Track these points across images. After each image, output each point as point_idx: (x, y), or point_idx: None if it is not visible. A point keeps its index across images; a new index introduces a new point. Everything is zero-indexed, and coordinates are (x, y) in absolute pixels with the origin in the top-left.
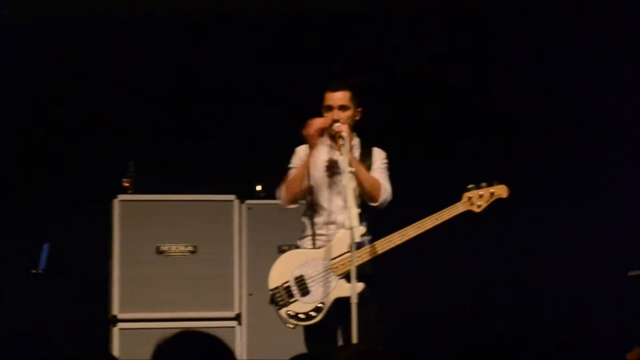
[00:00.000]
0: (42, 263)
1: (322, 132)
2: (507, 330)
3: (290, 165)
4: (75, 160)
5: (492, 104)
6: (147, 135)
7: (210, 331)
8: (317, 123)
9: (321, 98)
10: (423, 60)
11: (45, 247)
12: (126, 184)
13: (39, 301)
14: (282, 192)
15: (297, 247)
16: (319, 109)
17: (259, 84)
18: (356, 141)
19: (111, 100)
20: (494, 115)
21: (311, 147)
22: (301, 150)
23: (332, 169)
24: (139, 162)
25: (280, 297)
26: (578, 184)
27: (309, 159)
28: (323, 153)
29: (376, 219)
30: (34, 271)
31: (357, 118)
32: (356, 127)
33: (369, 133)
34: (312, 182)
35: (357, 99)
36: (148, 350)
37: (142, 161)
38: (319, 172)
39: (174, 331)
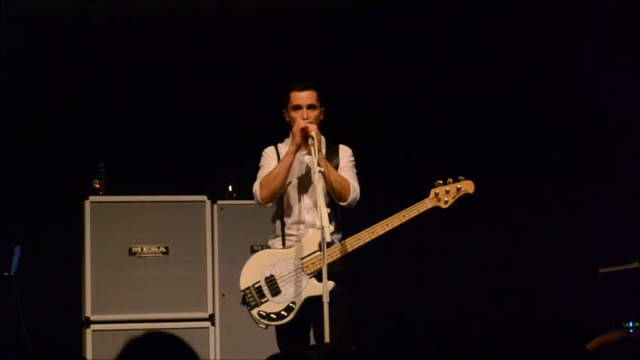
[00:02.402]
0: (14, 265)
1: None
2: (478, 330)
3: (260, 164)
4: (46, 161)
5: (469, 101)
6: (118, 136)
7: (184, 332)
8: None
9: (284, 98)
10: (393, 58)
11: (17, 249)
12: (97, 185)
13: (11, 304)
14: (261, 189)
15: (268, 247)
16: (282, 109)
17: (231, 84)
18: (322, 140)
19: (81, 100)
20: (468, 112)
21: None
22: (269, 152)
23: (301, 169)
24: (109, 163)
25: (252, 298)
26: (554, 184)
27: (290, 157)
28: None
29: (345, 217)
30: (6, 274)
31: (321, 118)
32: (320, 125)
33: (335, 129)
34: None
35: (321, 98)
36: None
37: (113, 162)
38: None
39: (138, 333)
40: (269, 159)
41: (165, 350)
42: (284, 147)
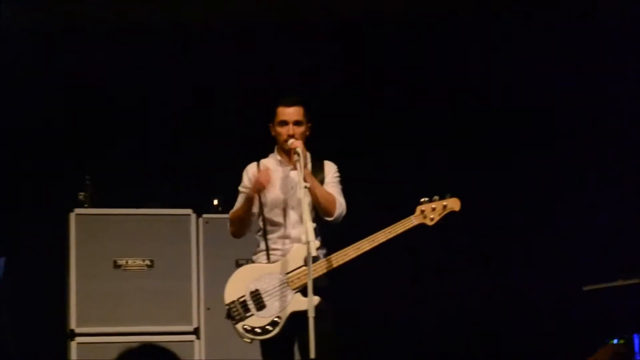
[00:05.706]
0: None
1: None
2: (463, 346)
3: (240, 188)
4: (31, 173)
5: (453, 114)
6: (103, 149)
7: (169, 345)
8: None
9: (271, 112)
10: (379, 71)
11: (1, 261)
12: (82, 198)
13: None
14: (230, 225)
15: (253, 262)
16: (268, 122)
17: (214, 97)
18: (308, 155)
19: (67, 113)
20: (453, 127)
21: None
22: (250, 171)
23: (287, 185)
24: (95, 175)
25: (237, 312)
26: (538, 194)
27: (247, 203)
28: (275, 169)
29: (330, 232)
30: None
31: (308, 134)
32: (307, 141)
33: (320, 144)
34: (264, 199)
35: (308, 114)
36: None
37: (98, 175)
38: (273, 188)
39: (132, 345)
40: (247, 183)
41: None
42: (267, 162)
